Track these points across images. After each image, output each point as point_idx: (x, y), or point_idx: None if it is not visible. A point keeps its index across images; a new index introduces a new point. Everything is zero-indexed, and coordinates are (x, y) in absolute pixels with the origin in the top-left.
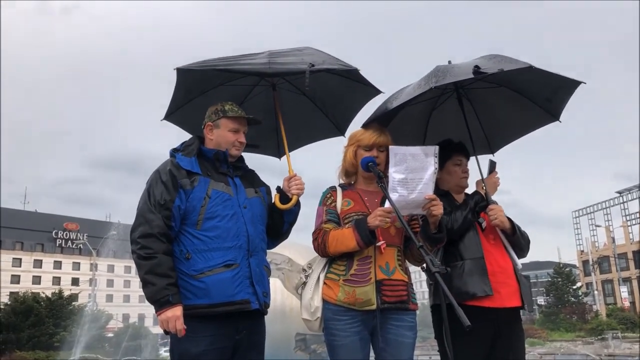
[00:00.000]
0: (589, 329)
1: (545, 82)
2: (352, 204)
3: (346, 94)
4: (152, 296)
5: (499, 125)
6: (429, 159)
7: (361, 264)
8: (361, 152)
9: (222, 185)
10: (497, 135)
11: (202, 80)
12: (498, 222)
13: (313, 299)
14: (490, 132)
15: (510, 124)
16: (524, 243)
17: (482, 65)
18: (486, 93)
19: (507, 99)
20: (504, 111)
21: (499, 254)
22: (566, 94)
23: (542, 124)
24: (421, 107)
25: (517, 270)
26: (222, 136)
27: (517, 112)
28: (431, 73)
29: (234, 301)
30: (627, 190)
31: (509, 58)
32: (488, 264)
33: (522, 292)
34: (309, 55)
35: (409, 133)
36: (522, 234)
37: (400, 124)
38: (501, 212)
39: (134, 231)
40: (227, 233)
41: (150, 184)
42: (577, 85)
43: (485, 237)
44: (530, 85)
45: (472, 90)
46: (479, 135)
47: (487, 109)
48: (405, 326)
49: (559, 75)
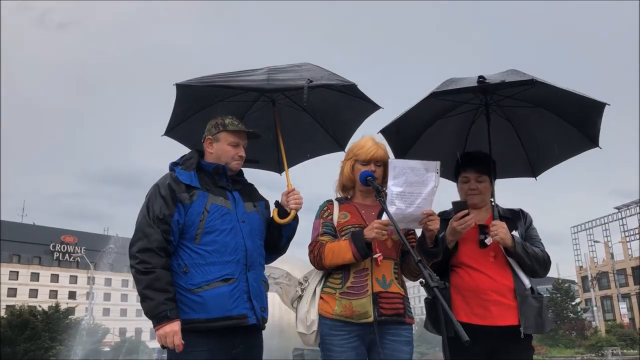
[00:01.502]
0: (588, 345)
1: (576, 103)
2: (349, 217)
3: (345, 109)
4: (150, 311)
5: (539, 147)
6: (429, 174)
7: (358, 277)
8: (358, 166)
9: (221, 200)
10: (539, 157)
11: (201, 96)
12: (498, 238)
13: (309, 312)
14: (532, 154)
15: (551, 147)
16: (532, 263)
17: (490, 77)
18: (524, 113)
19: (547, 121)
20: (544, 133)
21: (496, 271)
22: (597, 117)
23: (582, 149)
24: (458, 122)
25: (518, 289)
26: (222, 150)
27: (557, 135)
28: (441, 84)
29: (231, 316)
30: (625, 206)
31: (523, 73)
32: (479, 281)
33: (521, 311)
34: (307, 71)
35: (447, 149)
36: (528, 254)
37: (440, 139)
38: (503, 229)
39: (133, 245)
40: (225, 247)
41: (149, 198)
42: (603, 107)
43: (486, 254)
44: (566, 108)
45: (509, 108)
46: (521, 158)
47: (528, 130)
48: (402, 341)
49: (584, 96)
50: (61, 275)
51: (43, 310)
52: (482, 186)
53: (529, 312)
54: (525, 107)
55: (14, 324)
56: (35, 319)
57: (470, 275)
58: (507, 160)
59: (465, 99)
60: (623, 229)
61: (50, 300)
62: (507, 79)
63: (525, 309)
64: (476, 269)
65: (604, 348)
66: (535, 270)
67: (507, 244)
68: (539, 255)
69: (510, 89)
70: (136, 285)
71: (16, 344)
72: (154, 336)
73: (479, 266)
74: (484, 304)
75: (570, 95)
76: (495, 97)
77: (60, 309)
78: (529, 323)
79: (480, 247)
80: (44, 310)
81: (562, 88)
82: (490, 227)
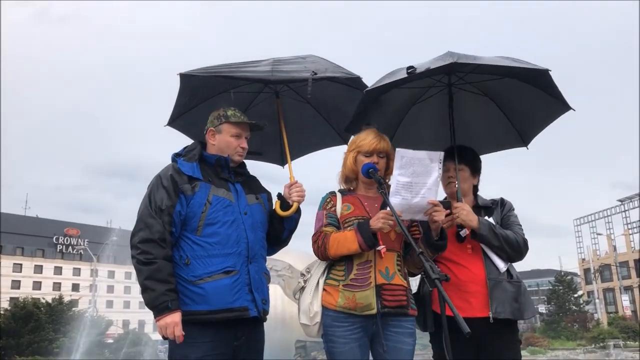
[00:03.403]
0: (590, 337)
1: (523, 72)
2: (352, 209)
3: (349, 102)
4: (151, 302)
5: (522, 115)
6: (433, 165)
7: (361, 269)
8: (361, 158)
9: (223, 191)
10: (525, 125)
11: (205, 87)
12: (459, 220)
13: (312, 304)
14: (517, 122)
15: (532, 112)
16: (501, 244)
17: (420, 65)
18: (496, 85)
19: (519, 88)
20: (520, 101)
21: (473, 262)
22: (550, 82)
23: (560, 112)
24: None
25: (489, 275)
26: (224, 141)
27: (533, 100)
28: (379, 79)
29: (232, 308)
30: (628, 199)
31: (455, 55)
32: (459, 274)
33: (491, 296)
34: (311, 63)
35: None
36: (496, 235)
37: (424, 123)
38: (464, 211)
39: (134, 236)
40: (227, 239)
41: (151, 189)
42: (547, 73)
43: (463, 247)
44: (525, 75)
45: (480, 83)
46: (509, 128)
47: (506, 100)
48: (405, 333)
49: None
50: (64, 267)
51: (47, 303)
52: (460, 175)
53: (502, 297)
54: (494, 80)
55: (18, 316)
56: (39, 311)
57: (450, 269)
58: (497, 134)
59: (430, 84)
60: (626, 221)
61: (54, 292)
62: (432, 65)
63: (498, 294)
64: (455, 261)
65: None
66: (507, 252)
67: (471, 225)
68: (510, 237)
69: (468, 67)
70: (137, 275)
71: (20, 335)
72: (157, 328)
73: (457, 259)
74: (463, 296)
75: (511, 68)
76: (459, 75)
77: (63, 301)
78: (502, 308)
79: (458, 241)
80: (47, 303)
81: (488, 63)
82: (452, 210)
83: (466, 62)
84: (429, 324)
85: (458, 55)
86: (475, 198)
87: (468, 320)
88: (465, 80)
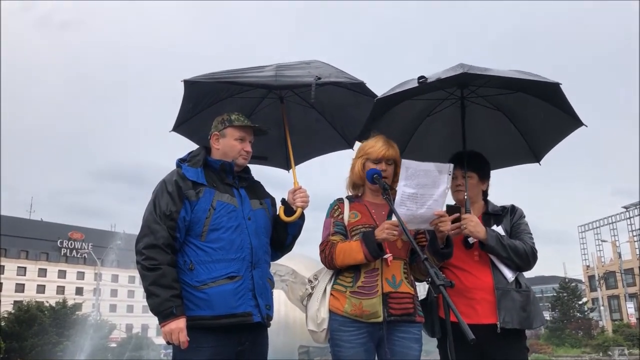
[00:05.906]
0: (594, 344)
1: (534, 86)
2: (359, 217)
3: (353, 107)
4: (155, 307)
5: (535, 131)
6: (442, 177)
7: (368, 277)
8: (369, 164)
9: (227, 197)
10: (538, 141)
11: (209, 93)
12: (467, 231)
13: (320, 310)
14: (530, 139)
15: (544, 129)
16: (509, 255)
17: (431, 76)
18: (509, 100)
19: (532, 104)
20: (534, 117)
21: (480, 269)
22: (561, 96)
23: (572, 128)
24: (448, 116)
25: (497, 284)
26: (228, 145)
27: (546, 116)
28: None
29: (235, 313)
30: (633, 206)
31: (466, 66)
32: (465, 280)
33: (500, 305)
34: (315, 68)
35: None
36: (503, 246)
37: (436, 135)
38: (471, 222)
39: (139, 242)
40: (231, 245)
41: (156, 195)
42: (557, 87)
43: (470, 254)
44: (537, 90)
45: (493, 97)
46: (521, 144)
47: (519, 116)
48: (411, 338)
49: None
50: (68, 271)
51: (50, 306)
52: (468, 182)
53: (509, 307)
54: (508, 94)
55: (22, 319)
56: (43, 315)
57: (456, 275)
58: (509, 149)
59: (443, 96)
60: (631, 228)
61: (58, 296)
62: (443, 75)
63: (506, 304)
64: (462, 268)
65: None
66: (515, 263)
67: (479, 237)
68: (518, 247)
69: (480, 80)
70: (142, 281)
71: (23, 339)
72: (161, 332)
73: (464, 265)
74: (469, 303)
75: (522, 81)
76: (471, 89)
77: (67, 304)
78: (510, 317)
79: (466, 247)
80: (51, 306)
81: (499, 75)
82: (461, 220)
83: (477, 74)
84: (436, 329)
85: (469, 66)
86: (486, 204)
87: (473, 327)
88: (477, 94)
